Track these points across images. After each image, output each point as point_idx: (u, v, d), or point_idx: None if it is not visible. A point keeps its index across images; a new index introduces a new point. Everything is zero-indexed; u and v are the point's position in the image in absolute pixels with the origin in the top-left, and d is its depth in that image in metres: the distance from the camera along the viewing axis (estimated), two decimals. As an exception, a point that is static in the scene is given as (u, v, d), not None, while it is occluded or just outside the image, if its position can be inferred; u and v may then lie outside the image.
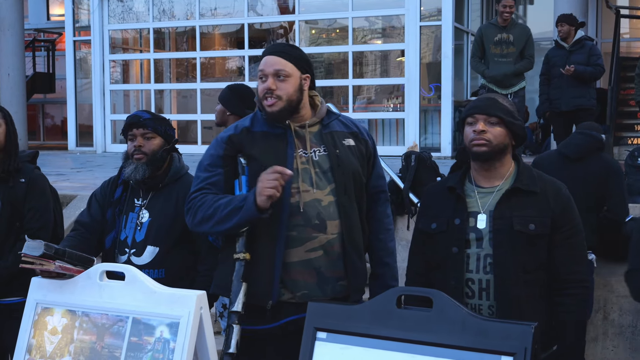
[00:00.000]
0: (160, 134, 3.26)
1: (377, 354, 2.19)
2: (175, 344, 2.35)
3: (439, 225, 2.70)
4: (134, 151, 3.23)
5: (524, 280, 2.56)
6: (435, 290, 2.25)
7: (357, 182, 2.88)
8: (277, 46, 2.96)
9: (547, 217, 2.60)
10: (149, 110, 3.38)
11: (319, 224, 2.77)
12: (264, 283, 2.74)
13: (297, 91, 2.82)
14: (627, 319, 5.26)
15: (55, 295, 2.57)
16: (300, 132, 2.85)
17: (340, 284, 2.83)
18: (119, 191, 3.30)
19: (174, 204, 3.25)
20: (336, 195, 2.81)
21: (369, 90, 12.88)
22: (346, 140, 2.91)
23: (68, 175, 8.91)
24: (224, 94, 4.38)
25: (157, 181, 3.28)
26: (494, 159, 2.65)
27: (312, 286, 2.77)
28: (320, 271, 2.78)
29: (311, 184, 2.79)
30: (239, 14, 12.56)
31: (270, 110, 2.80)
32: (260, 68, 2.83)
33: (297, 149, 2.82)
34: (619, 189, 4.88)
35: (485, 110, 2.63)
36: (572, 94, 7.74)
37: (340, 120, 2.98)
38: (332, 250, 2.80)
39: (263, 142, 2.82)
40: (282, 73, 2.79)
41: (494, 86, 7.87)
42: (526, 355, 2.03)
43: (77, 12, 13.48)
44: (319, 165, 2.82)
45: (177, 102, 14.86)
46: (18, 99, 12.18)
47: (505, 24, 7.82)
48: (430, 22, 11.43)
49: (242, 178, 2.80)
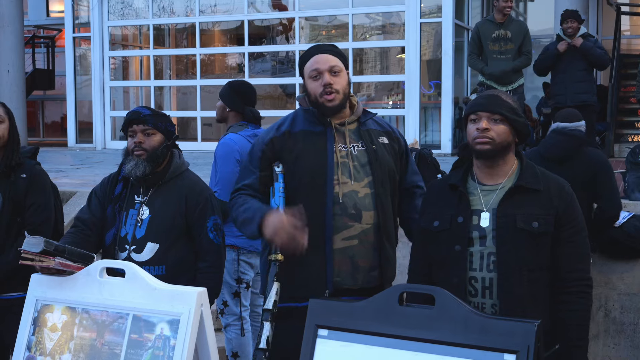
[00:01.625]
0: (161, 130, 3.24)
1: (379, 352, 2.18)
2: (175, 341, 2.34)
3: (441, 223, 2.67)
4: (134, 147, 3.20)
5: (528, 278, 2.55)
6: (437, 288, 2.24)
7: (392, 178, 3.04)
8: (323, 46, 3.07)
9: (550, 215, 2.58)
10: (149, 107, 3.36)
11: (355, 213, 2.91)
12: (317, 272, 2.88)
13: (348, 85, 3.01)
14: (628, 317, 5.25)
15: (55, 292, 2.56)
16: (340, 129, 3.00)
17: (372, 274, 2.95)
18: (119, 187, 3.27)
19: (174, 201, 3.23)
20: (373, 187, 2.96)
21: (369, 87, 12.88)
22: (381, 138, 3.07)
23: (68, 171, 8.90)
24: (225, 92, 4.39)
25: (158, 178, 3.26)
26: (497, 156, 2.63)
27: (345, 274, 2.90)
28: (354, 260, 2.91)
29: (349, 176, 2.94)
30: (238, 10, 12.55)
31: (331, 105, 2.94)
32: (313, 68, 2.95)
33: (337, 144, 2.97)
34: (608, 185, 4.75)
35: (489, 107, 2.61)
36: (576, 89, 7.67)
37: (375, 120, 3.13)
38: (367, 239, 2.93)
39: (304, 141, 2.98)
40: (336, 69, 2.95)
41: (492, 83, 7.83)
42: (529, 353, 2.02)
43: (77, 9, 13.47)
44: (358, 159, 2.98)
45: (177, 99, 14.85)
46: (17, 95, 12.17)
47: (503, 20, 7.78)
48: (430, 19, 11.42)
49: (276, 185, 2.94)
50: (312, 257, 2.85)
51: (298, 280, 2.88)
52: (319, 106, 2.98)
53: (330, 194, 2.92)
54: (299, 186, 2.94)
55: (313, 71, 2.97)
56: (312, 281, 2.87)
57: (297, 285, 2.88)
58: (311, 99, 3.00)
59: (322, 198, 2.91)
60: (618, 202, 4.82)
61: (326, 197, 2.91)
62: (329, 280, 2.89)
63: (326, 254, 2.89)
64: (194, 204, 3.22)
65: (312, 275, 2.89)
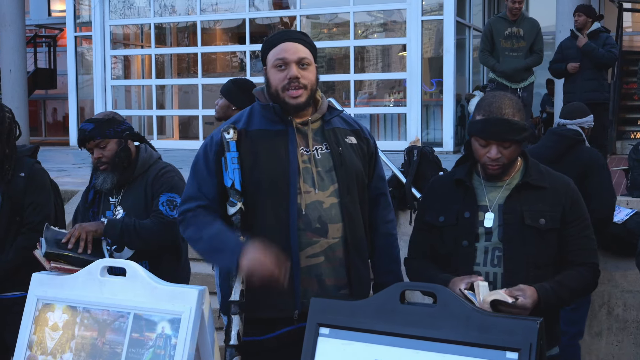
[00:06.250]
0: (111, 136, 3.34)
1: (381, 350, 2.17)
2: (176, 340, 2.33)
3: (447, 219, 2.65)
4: (96, 163, 3.35)
5: (534, 275, 2.53)
6: (439, 286, 2.23)
7: (360, 182, 2.71)
8: (292, 32, 2.69)
9: (557, 212, 2.58)
10: (92, 118, 3.39)
11: (320, 227, 2.58)
12: (284, 292, 2.53)
13: (316, 81, 2.66)
14: (631, 314, 5.24)
15: (56, 291, 2.56)
16: (302, 129, 2.66)
17: (343, 292, 2.63)
18: (92, 194, 3.42)
19: (142, 195, 3.34)
20: (339, 196, 2.62)
21: (371, 85, 12.85)
22: (348, 138, 2.74)
23: (69, 170, 8.90)
24: (229, 88, 4.26)
25: (126, 178, 3.37)
26: None
27: (312, 295, 2.50)
28: (322, 279, 2.60)
29: (313, 184, 2.60)
30: (240, 9, 12.53)
31: (295, 102, 2.59)
32: (279, 56, 2.59)
33: (299, 147, 2.62)
34: (598, 185, 4.55)
35: (500, 136, 2.51)
36: (586, 87, 7.60)
37: (342, 117, 2.79)
38: (334, 255, 2.61)
39: (262, 143, 2.61)
40: (305, 61, 2.60)
41: (504, 80, 7.79)
42: (531, 351, 2.01)
43: (78, 8, 13.45)
44: (322, 164, 2.64)
45: (179, 98, 14.83)
46: (19, 95, 12.16)
47: (515, 17, 7.76)
48: (432, 17, 11.39)
49: (228, 155, 2.58)
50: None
51: (264, 303, 2.56)
52: (280, 101, 2.61)
53: (293, 206, 2.55)
54: (256, 198, 2.58)
55: (278, 60, 2.59)
56: (280, 302, 2.56)
57: (264, 307, 2.57)
58: (271, 92, 2.63)
59: (283, 211, 2.55)
60: (609, 203, 4.62)
61: (289, 210, 2.55)
62: (297, 301, 2.56)
63: (293, 273, 2.53)
64: (156, 185, 3.33)
65: (279, 296, 2.54)
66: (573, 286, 2.54)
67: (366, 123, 11.87)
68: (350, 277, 2.65)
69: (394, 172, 6.07)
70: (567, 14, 8.45)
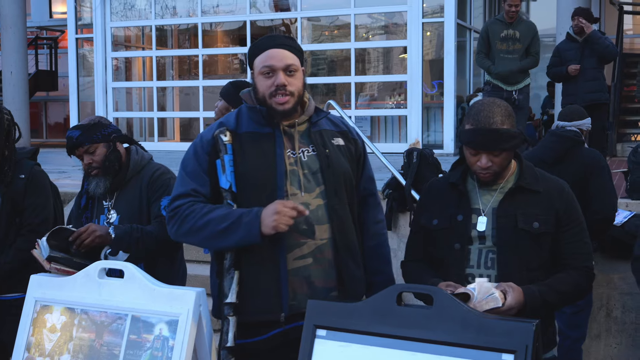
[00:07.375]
0: (99, 141, 3.32)
1: (377, 352, 2.17)
2: (174, 342, 2.34)
3: (440, 222, 2.67)
4: (88, 169, 3.34)
5: (528, 278, 2.54)
6: (435, 288, 2.24)
7: (348, 183, 2.71)
8: (279, 38, 2.69)
9: (551, 216, 2.58)
10: (78, 124, 3.38)
11: (307, 229, 2.59)
12: (271, 295, 2.56)
13: (303, 87, 2.68)
14: (630, 316, 5.24)
15: (54, 293, 2.56)
16: (289, 131, 2.67)
17: (333, 294, 2.63)
18: (84, 199, 3.42)
19: (137, 197, 3.33)
20: (326, 197, 2.63)
21: (372, 87, 12.86)
22: (335, 139, 2.74)
23: (70, 172, 8.91)
24: (228, 91, 4.27)
25: (119, 181, 3.36)
26: None
27: (301, 297, 2.55)
28: (311, 281, 2.59)
29: (299, 186, 2.61)
30: (241, 11, 12.55)
31: (282, 108, 2.60)
32: (266, 64, 2.60)
33: (286, 150, 2.63)
34: (600, 186, 4.55)
35: (489, 146, 2.52)
36: (587, 88, 7.61)
37: (329, 119, 2.80)
38: (323, 257, 2.61)
39: (250, 145, 2.63)
40: (292, 67, 2.62)
41: (499, 82, 7.82)
42: (527, 353, 2.01)
43: (80, 10, 13.47)
44: (308, 167, 2.64)
45: (180, 100, 14.84)
46: (21, 96, 12.18)
47: (512, 20, 7.79)
48: (432, 19, 11.40)
49: (225, 158, 2.59)
50: (265, 280, 2.56)
51: (252, 305, 2.57)
52: (267, 106, 2.63)
53: None
54: (243, 200, 2.57)
55: (265, 67, 2.60)
56: (267, 305, 2.56)
57: (251, 310, 2.57)
58: (258, 97, 2.65)
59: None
60: (611, 204, 4.61)
61: None
62: (284, 303, 2.56)
63: (280, 275, 2.55)
64: (153, 188, 3.32)
65: (266, 299, 2.56)
66: (563, 290, 2.54)
67: (367, 125, 11.88)
68: (341, 278, 2.65)
69: (393, 175, 6.07)
70: (568, 16, 8.46)
